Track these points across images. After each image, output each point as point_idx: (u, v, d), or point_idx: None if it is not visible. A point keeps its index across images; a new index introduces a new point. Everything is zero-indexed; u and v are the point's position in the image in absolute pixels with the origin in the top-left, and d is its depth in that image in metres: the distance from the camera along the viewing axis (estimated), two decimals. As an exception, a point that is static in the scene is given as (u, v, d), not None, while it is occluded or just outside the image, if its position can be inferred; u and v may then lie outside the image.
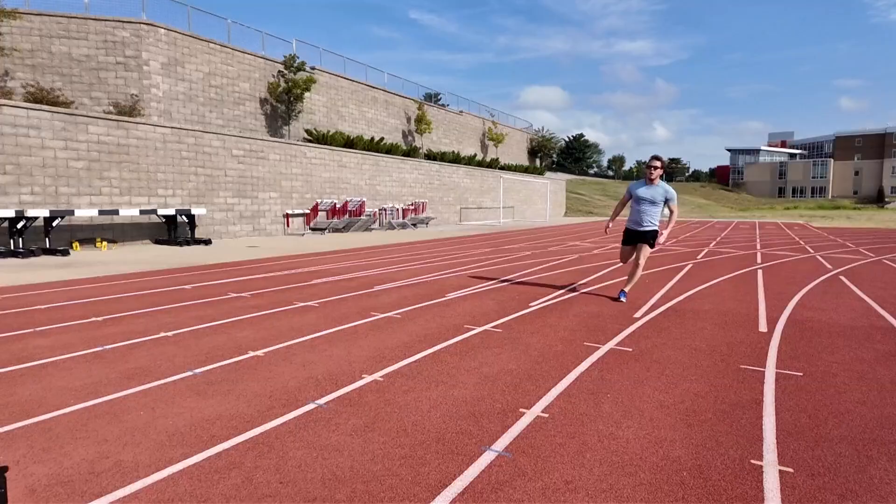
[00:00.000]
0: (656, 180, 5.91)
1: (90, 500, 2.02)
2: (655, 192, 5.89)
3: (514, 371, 3.57)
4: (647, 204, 5.95)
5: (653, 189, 5.91)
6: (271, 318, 5.16)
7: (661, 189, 5.88)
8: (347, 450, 2.43)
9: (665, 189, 5.88)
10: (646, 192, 5.93)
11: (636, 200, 6.03)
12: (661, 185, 5.91)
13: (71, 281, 7.54)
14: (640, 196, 5.98)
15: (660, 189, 5.88)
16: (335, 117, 24.03)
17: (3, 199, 11.27)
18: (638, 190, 6.03)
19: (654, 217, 5.99)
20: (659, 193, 5.87)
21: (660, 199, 5.87)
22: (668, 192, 5.87)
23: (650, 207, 5.94)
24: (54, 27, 15.81)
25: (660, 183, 5.92)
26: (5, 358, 3.82)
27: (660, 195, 5.87)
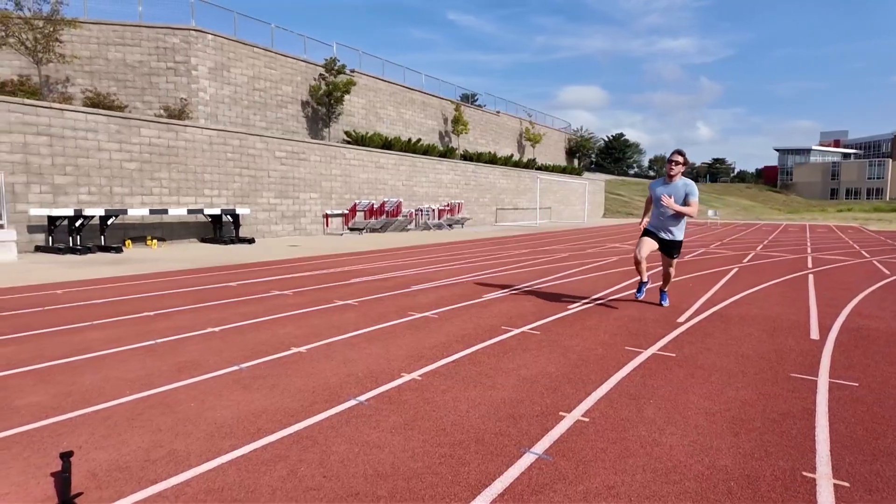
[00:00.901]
0: (677, 177, 5.45)
1: (146, 487, 2.12)
2: (675, 189, 5.44)
3: (553, 374, 3.54)
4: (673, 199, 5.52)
5: (672, 187, 5.46)
6: (312, 316, 5.28)
7: (681, 185, 5.45)
8: (388, 447, 2.46)
9: (685, 183, 5.44)
10: (666, 191, 5.47)
11: (657, 201, 5.57)
12: (682, 181, 5.46)
13: (124, 277, 7.90)
14: (658, 194, 5.53)
15: (679, 186, 5.44)
16: (373, 119, 24.35)
17: (64, 198, 11.92)
18: (658, 188, 5.59)
19: (675, 222, 5.54)
20: (679, 190, 5.43)
21: (680, 196, 5.43)
22: (687, 185, 5.42)
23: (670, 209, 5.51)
24: (111, 35, 16.62)
25: (681, 179, 5.48)
26: (67, 349, 4.05)
27: (680, 192, 5.43)
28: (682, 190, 5.41)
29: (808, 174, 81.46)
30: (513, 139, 36.56)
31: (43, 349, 4.04)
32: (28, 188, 11.37)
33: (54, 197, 11.78)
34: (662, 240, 5.60)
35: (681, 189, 5.41)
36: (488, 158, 29.01)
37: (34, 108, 11.49)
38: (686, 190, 5.40)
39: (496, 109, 35.25)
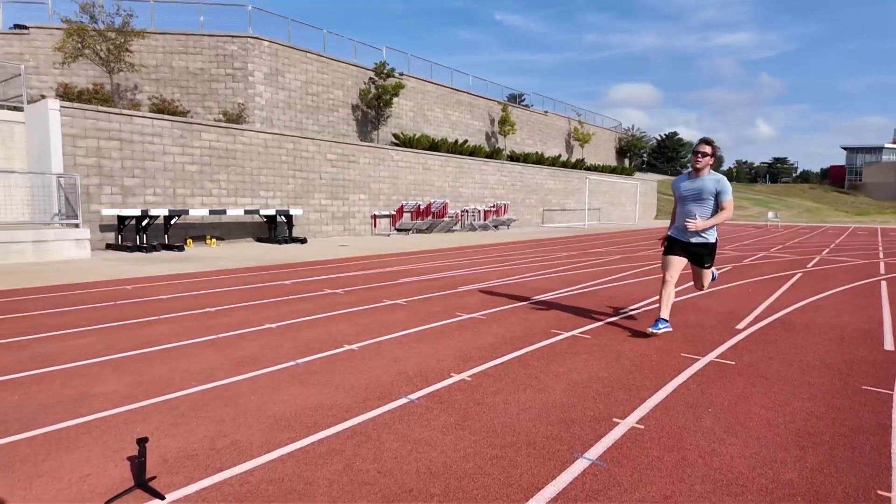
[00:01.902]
0: (704, 170, 4.58)
1: (212, 474, 2.23)
2: (702, 185, 4.54)
3: (605, 379, 3.48)
4: (693, 202, 4.60)
5: (699, 181, 4.57)
6: (363, 315, 5.40)
7: (711, 181, 4.53)
8: (440, 446, 2.49)
9: (715, 180, 4.52)
10: (689, 186, 4.62)
11: (681, 199, 4.73)
12: (711, 177, 4.56)
13: (186, 274, 8.32)
14: (684, 193, 4.67)
15: (708, 181, 4.53)
16: (421, 121, 24.58)
17: (132, 199, 12.67)
18: (681, 184, 4.71)
19: (704, 219, 4.63)
20: (707, 187, 4.53)
21: (708, 194, 4.53)
22: (718, 182, 4.49)
23: (698, 207, 4.58)
24: (175, 44, 17.53)
25: (710, 174, 4.58)
26: (138, 342, 4.31)
27: (708, 189, 4.52)
28: (711, 187, 4.53)
29: (879, 174, 76.10)
30: (561, 139, 36.04)
31: (116, 341, 4.31)
32: (100, 190, 12.15)
33: (123, 198, 12.54)
34: (690, 245, 4.69)
35: (710, 186, 4.53)
36: (535, 159, 28.73)
37: (107, 115, 12.27)
38: (717, 187, 4.51)
39: (544, 109, 34.85)
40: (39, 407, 2.93)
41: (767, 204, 49.59)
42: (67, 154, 11.60)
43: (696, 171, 4.60)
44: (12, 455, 2.38)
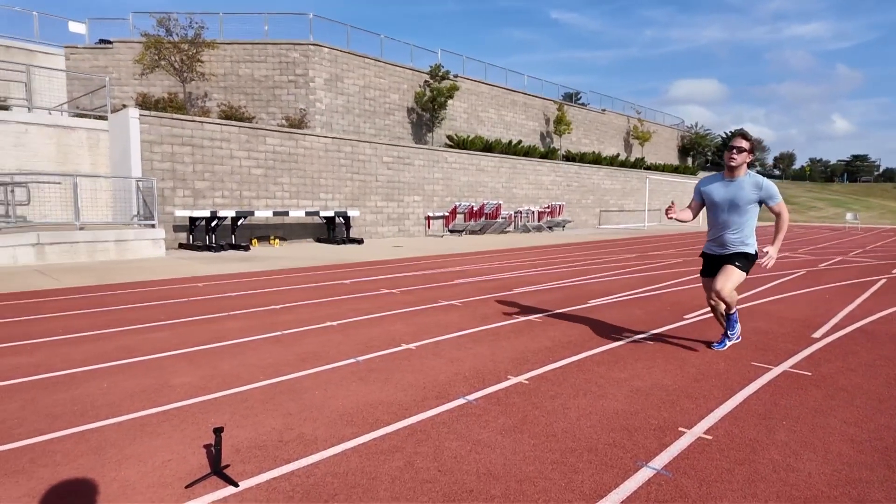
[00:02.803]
0: (741, 170, 3.86)
1: (281, 465, 2.33)
2: (739, 189, 3.83)
3: (669, 387, 3.36)
4: (730, 212, 3.88)
5: (735, 185, 3.86)
6: (419, 315, 5.47)
7: (750, 185, 3.81)
8: (499, 448, 2.49)
9: (755, 184, 3.81)
10: (724, 193, 3.90)
11: (712, 209, 4.02)
12: (750, 178, 3.85)
13: (252, 273, 8.72)
14: (715, 200, 3.96)
15: (747, 185, 3.82)
16: (475, 122, 24.61)
17: (202, 201, 13.41)
18: (711, 189, 3.99)
19: (743, 232, 3.91)
20: (746, 192, 3.81)
21: (748, 201, 3.82)
22: (762, 187, 3.79)
23: (735, 217, 3.87)
24: (241, 53, 18.40)
25: (747, 174, 3.88)
26: (209, 336, 4.56)
27: (747, 195, 3.81)
28: (750, 192, 3.80)
29: (979, 171, 69.12)
30: (619, 138, 35.07)
31: (190, 335, 4.58)
32: (174, 192, 12.94)
33: (194, 200, 13.29)
34: (723, 259, 4.03)
35: (748, 190, 3.81)
36: (592, 158, 28.10)
37: (180, 122, 13.05)
38: (761, 194, 3.80)
39: (602, 108, 34.03)
40: (124, 395, 3.16)
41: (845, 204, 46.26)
42: (145, 159, 12.43)
43: (731, 171, 3.87)
44: (103, 438, 2.59)
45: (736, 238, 3.93)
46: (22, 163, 12.07)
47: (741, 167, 3.87)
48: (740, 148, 3.79)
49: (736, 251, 3.94)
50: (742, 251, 3.93)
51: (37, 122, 12.57)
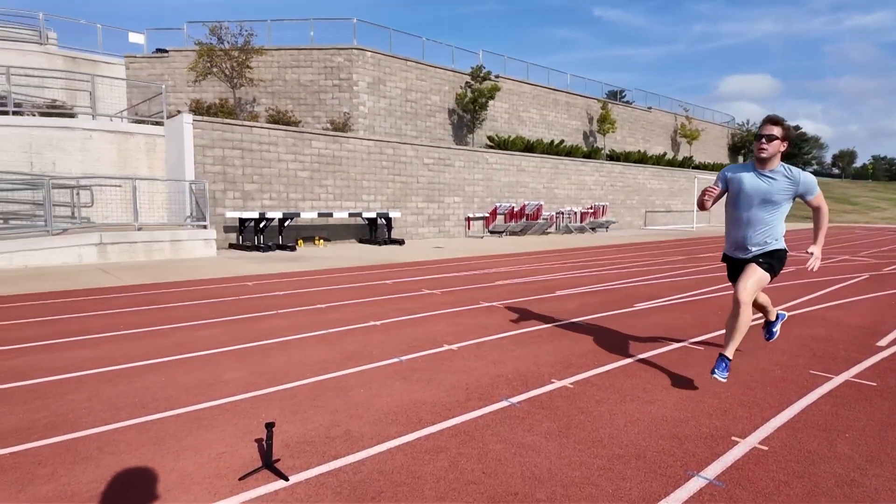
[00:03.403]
0: (773, 161, 3.31)
1: (329, 461, 2.39)
2: (772, 182, 3.32)
3: (721, 394, 3.25)
4: (760, 206, 3.36)
5: (766, 178, 3.33)
6: (461, 315, 5.48)
7: (783, 177, 3.31)
8: (544, 451, 2.47)
9: (791, 176, 3.30)
10: (756, 184, 3.35)
11: (736, 201, 3.47)
12: (784, 170, 3.32)
13: (298, 272, 8.95)
14: (744, 190, 3.40)
15: (780, 178, 3.31)
16: (516, 122, 24.45)
17: (251, 203, 13.87)
18: (741, 178, 3.42)
19: (772, 230, 3.39)
20: (780, 185, 3.30)
21: (782, 196, 3.32)
22: (799, 180, 3.29)
23: (765, 214, 3.36)
24: (288, 59, 18.93)
25: (780, 165, 3.34)
26: (258, 334, 4.71)
27: (781, 188, 3.30)
28: (786, 187, 3.31)
29: None
30: (665, 136, 34.08)
31: (240, 332, 4.75)
32: (225, 194, 13.43)
33: (244, 202, 13.76)
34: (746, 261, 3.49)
35: (782, 184, 3.31)
36: (637, 158, 27.42)
37: (230, 127, 13.55)
38: (798, 189, 3.31)
39: (647, 105, 33.16)
40: (181, 388, 3.31)
41: (914, 204, 43.32)
42: (198, 162, 12.96)
43: (762, 163, 3.34)
44: (162, 430, 2.72)
45: (762, 237, 3.40)
46: (86, 167, 12.81)
47: (774, 158, 3.31)
48: (770, 136, 3.26)
49: (761, 251, 3.41)
50: (768, 250, 3.41)
51: (100, 128, 13.31)
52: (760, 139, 3.29)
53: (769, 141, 3.26)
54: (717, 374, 3.22)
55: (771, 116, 3.31)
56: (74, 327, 4.91)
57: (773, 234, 3.40)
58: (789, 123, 3.32)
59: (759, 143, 3.30)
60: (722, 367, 3.23)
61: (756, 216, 3.38)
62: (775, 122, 3.29)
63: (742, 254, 3.48)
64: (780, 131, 3.26)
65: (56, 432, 2.67)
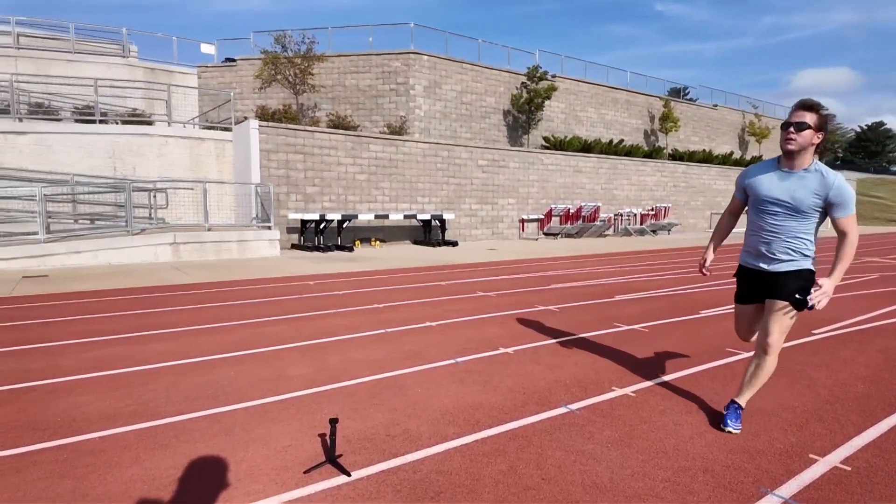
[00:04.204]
0: (804, 157, 2.62)
1: (389, 459, 2.44)
2: (803, 184, 2.63)
3: (797, 408, 3.06)
4: (785, 215, 2.68)
5: (794, 178, 2.65)
6: (516, 319, 5.44)
7: (813, 177, 2.61)
8: (605, 460, 2.42)
9: (821, 178, 2.60)
10: (779, 187, 2.69)
11: (757, 206, 2.80)
12: (817, 171, 2.62)
13: (356, 272, 9.18)
14: (762, 195, 2.75)
15: (811, 179, 2.62)
16: (573, 122, 24.01)
17: (312, 205, 14.35)
18: (760, 181, 2.78)
19: (796, 242, 2.69)
20: (811, 187, 2.61)
21: (812, 204, 2.62)
22: (831, 185, 2.57)
23: (792, 222, 2.68)
24: (348, 65, 19.46)
25: (814, 164, 2.64)
26: (317, 332, 4.87)
27: (812, 192, 2.60)
28: (816, 192, 2.60)
29: None
30: (732, 135, 32.46)
31: (303, 330, 4.92)
32: (288, 197, 13.98)
33: (305, 204, 14.27)
34: (771, 276, 2.77)
35: (812, 188, 2.60)
36: (701, 157, 26.26)
37: (293, 132, 14.08)
38: (830, 194, 2.58)
39: (713, 103, 31.71)
40: (249, 382, 3.47)
41: None
42: (263, 166, 13.55)
43: (789, 158, 2.65)
44: (232, 421, 2.86)
45: (784, 247, 2.71)
46: (162, 171, 13.68)
47: (805, 152, 2.61)
48: (801, 124, 2.56)
49: (788, 269, 2.71)
50: (796, 269, 2.70)
51: (174, 134, 14.18)
52: (788, 127, 2.61)
53: (799, 130, 2.58)
54: (729, 426, 2.75)
55: (803, 100, 2.65)
56: (153, 322, 5.25)
57: (800, 248, 2.70)
58: (827, 111, 2.63)
59: (787, 133, 2.61)
60: (734, 417, 2.79)
61: (782, 226, 2.69)
62: (808, 106, 2.61)
63: (765, 263, 2.78)
64: (815, 119, 2.57)
65: (138, 420, 2.87)
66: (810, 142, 2.59)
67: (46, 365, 3.82)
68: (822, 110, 2.60)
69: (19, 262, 9.32)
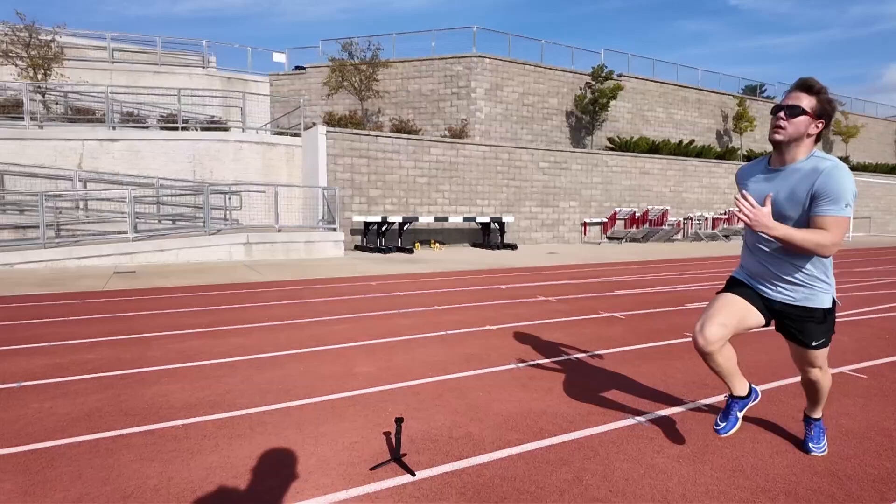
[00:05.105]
0: (798, 148, 2.16)
1: (452, 461, 2.45)
2: (794, 181, 2.15)
3: (892, 431, 2.81)
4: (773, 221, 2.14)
5: (783, 174, 2.20)
6: (578, 325, 5.33)
7: (807, 170, 2.12)
8: (676, 476, 2.32)
9: (815, 171, 2.09)
10: (764, 189, 2.24)
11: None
12: (810, 163, 2.13)
13: (416, 274, 9.31)
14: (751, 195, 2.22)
15: (803, 171, 2.13)
16: (639, 122, 23.24)
17: (374, 207, 14.71)
18: (747, 185, 2.35)
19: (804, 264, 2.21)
20: (800, 186, 2.13)
21: (799, 200, 2.13)
22: (820, 171, 2.07)
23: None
24: (411, 70, 19.80)
25: (812, 156, 2.16)
26: (383, 331, 4.98)
27: (801, 192, 2.12)
28: (808, 186, 2.10)
29: None
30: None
31: (367, 329, 5.05)
32: (352, 200, 14.40)
33: (368, 206, 14.64)
34: (776, 304, 2.34)
35: (804, 186, 2.11)
36: (779, 159, 24.66)
37: (358, 136, 14.49)
38: (815, 182, 2.07)
39: (792, 100, 29.71)
40: (317, 378, 3.60)
41: None
42: (329, 170, 14.04)
43: (779, 152, 2.20)
44: (301, 415, 2.98)
45: (788, 263, 2.21)
46: (237, 175, 14.47)
47: (799, 145, 2.13)
48: (795, 108, 2.09)
49: (795, 303, 2.26)
50: (812, 305, 2.24)
51: (248, 140, 14.97)
52: (779, 112, 2.14)
53: (791, 115, 2.09)
54: (814, 449, 2.49)
55: (802, 79, 2.15)
56: (229, 317, 5.56)
57: (816, 272, 2.19)
58: (830, 94, 2.13)
59: (776, 119, 2.15)
60: (818, 437, 2.53)
61: (778, 246, 2.17)
62: (806, 87, 2.12)
63: (764, 285, 2.33)
64: (813, 103, 2.09)
65: (217, 410, 3.05)
66: (806, 131, 2.11)
67: (136, 355, 4.14)
68: (823, 93, 2.12)
69: (111, 258, 10.15)
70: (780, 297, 2.30)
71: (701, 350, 2.31)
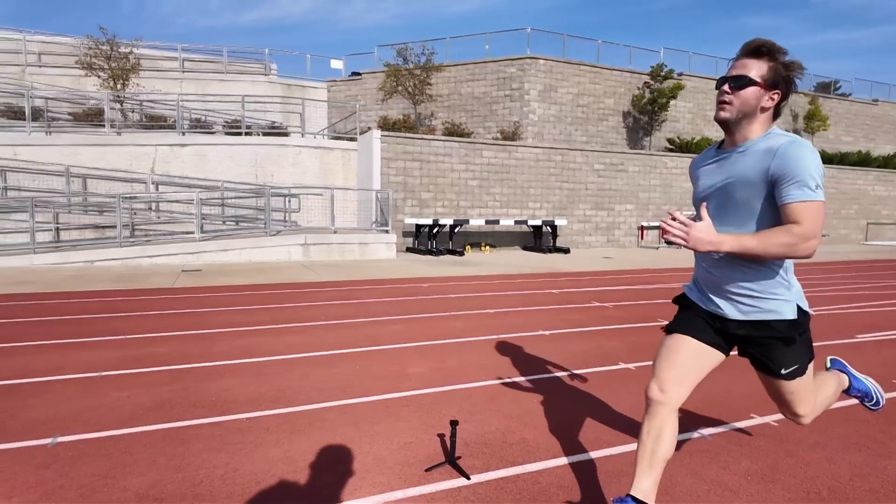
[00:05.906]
0: (750, 127, 1.77)
1: (507, 467, 2.44)
2: (744, 164, 1.75)
3: None
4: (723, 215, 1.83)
5: (732, 159, 1.80)
6: (636, 333, 5.17)
7: (761, 153, 1.71)
8: (744, 494, 2.21)
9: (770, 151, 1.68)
10: (713, 175, 1.86)
11: (695, 206, 1.90)
12: (764, 144, 1.71)
13: (467, 276, 9.31)
14: (699, 195, 1.92)
15: (754, 154, 1.73)
16: (701, 122, 22.32)
17: (426, 210, 14.85)
18: (698, 175, 1.95)
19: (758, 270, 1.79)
20: (753, 168, 1.72)
21: (758, 190, 1.71)
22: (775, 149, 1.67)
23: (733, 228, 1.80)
24: (464, 73, 19.87)
25: (768, 135, 1.75)
26: (436, 333, 5.01)
27: (755, 174, 1.71)
28: (763, 170, 1.69)
29: None
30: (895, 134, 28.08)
31: (422, 330, 5.10)
32: (404, 202, 14.59)
33: (420, 209, 14.79)
34: (730, 323, 1.90)
35: (758, 168, 1.71)
36: (856, 159, 23.02)
37: (411, 140, 14.68)
38: (770, 164, 1.67)
39: (872, 97, 27.70)
40: (372, 377, 3.67)
41: None
42: (383, 174, 14.29)
43: (727, 132, 1.83)
44: (357, 413, 3.04)
45: (739, 280, 1.83)
46: (296, 178, 14.98)
47: (750, 121, 1.77)
48: (740, 78, 1.74)
49: (756, 318, 1.84)
50: (767, 318, 1.83)
51: (307, 144, 15.46)
52: (722, 86, 1.79)
53: (737, 87, 1.74)
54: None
55: (748, 43, 1.76)
56: (288, 315, 5.76)
57: (772, 275, 1.79)
58: (789, 56, 1.75)
59: (720, 95, 1.80)
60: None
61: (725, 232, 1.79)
62: (753, 50, 1.74)
63: (722, 306, 1.89)
64: (763, 70, 1.72)
65: (278, 405, 3.16)
66: (758, 105, 1.74)
67: (202, 350, 4.35)
68: (779, 55, 1.73)
69: (179, 257, 10.74)
70: (733, 312, 1.86)
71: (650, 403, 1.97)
